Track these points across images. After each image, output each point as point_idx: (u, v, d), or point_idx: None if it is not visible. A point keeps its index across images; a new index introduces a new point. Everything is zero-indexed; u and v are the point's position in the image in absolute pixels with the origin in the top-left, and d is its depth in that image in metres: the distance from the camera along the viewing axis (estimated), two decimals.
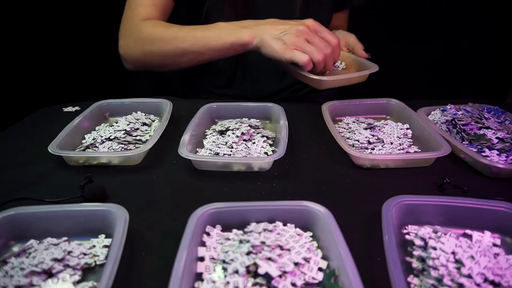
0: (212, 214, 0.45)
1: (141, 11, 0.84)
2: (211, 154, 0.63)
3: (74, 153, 0.62)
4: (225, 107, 0.77)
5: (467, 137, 0.65)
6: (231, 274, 0.39)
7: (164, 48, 0.80)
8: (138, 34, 0.82)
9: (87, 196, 0.52)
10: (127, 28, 0.85)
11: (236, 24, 0.77)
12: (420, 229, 0.46)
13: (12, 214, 0.45)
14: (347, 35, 0.90)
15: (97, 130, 0.71)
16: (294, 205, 0.46)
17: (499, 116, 0.71)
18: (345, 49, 0.89)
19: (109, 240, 0.45)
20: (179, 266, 0.37)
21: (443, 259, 0.40)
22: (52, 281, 0.39)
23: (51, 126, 0.70)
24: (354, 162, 0.62)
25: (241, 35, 0.74)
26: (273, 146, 0.66)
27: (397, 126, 0.72)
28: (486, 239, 0.45)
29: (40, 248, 0.43)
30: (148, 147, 0.61)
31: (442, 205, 0.47)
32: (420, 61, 1.52)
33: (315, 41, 0.72)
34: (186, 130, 0.65)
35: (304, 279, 0.39)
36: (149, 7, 0.84)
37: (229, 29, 0.76)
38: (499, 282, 0.38)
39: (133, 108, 0.77)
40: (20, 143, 0.70)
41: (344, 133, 0.70)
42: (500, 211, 0.46)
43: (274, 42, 0.71)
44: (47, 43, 1.23)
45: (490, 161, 0.58)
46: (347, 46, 0.89)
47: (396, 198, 0.47)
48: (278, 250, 0.41)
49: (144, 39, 0.82)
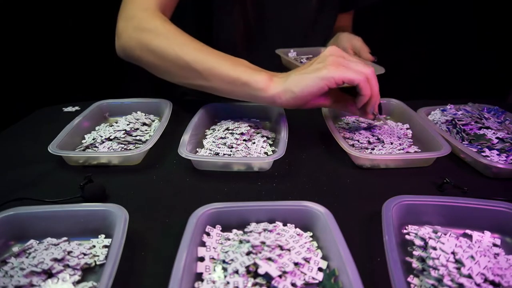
0: (212, 214, 0.45)
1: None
2: (211, 154, 0.63)
3: (74, 153, 0.62)
4: (225, 107, 0.77)
5: (467, 137, 0.65)
6: (231, 274, 0.39)
7: (166, 51, 0.66)
8: (142, 22, 0.70)
9: (87, 196, 0.52)
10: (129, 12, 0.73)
11: (261, 70, 0.65)
12: (420, 229, 0.46)
13: (12, 214, 0.45)
14: (353, 38, 0.89)
15: (97, 130, 0.71)
16: (294, 205, 0.46)
17: (499, 116, 0.71)
18: (350, 52, 0.88)
19: (109, 240, 0.45)
20: (179, 266, 0.37)
21: (443, 259, 0.40)
22: (52, 281, 0.39)
23: (51, 126, 0.70)
24: (354, 162, 0.62)
25: (258, 78, 0.61)
26: (273, 146, 0.66)
27: (397, 126, 0.72)
28: (486, 239, 0.45)
29: (40, 248, 0.43)
30: (148, 147, 0.61)
31: (442, 205, 0.47)
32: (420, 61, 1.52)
33: (352, 64, 0.58)
34: (186, 130, 0.65)
35: (304, 279, 0.39)
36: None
37: (250, 68, 0.64)
38: (499, 282, 0.38)
39: (133, 108, 0.77)
40: (20, 143, 0.70)
41: (344, 133, 0.70)
42: (500, 211, 0.46)
43: (307, 75, 0.58)
44: (47, 43, 1.23)
45: (490, 161, 0.58)
46: (353, 49, 0.89)
47: (396, 198, 0.47)
48: (278, 250, 0.41)
49: (146, 30, 0.69)
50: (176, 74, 0.69)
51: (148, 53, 0.69)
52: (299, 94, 0.59)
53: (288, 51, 0.90)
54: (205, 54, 0.66)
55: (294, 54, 0.90)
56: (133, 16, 0.71)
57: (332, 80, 0.57)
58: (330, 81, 0.57)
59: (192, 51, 0.66)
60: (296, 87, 0.59)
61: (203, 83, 0.67)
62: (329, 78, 0.56)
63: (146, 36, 0.68)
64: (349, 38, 0.89)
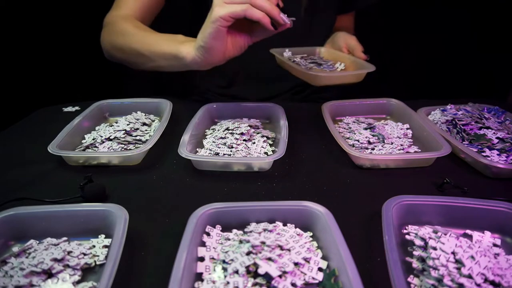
0: (212, 214, 0.45)
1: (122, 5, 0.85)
2: (211, 154, 0.63)
3: (74, 153, 0.62)
4: (225, 107, 0.77)
5: (467, 137, 0.65)
6: (231, 274, 0.39)
7: (124, 45, 0.78)
8: (111, 26, 0.83)
9: (87, 196, 0.52)
10: (107, 20, 0.86)
11: (189, 39, 0.69)
12: (420, 229, 0.46)
13: (12, 214, 0.45)
14: (348, 37, 0.89)
15: (97, 130, 0.71)
16: (294, 205, 0.46)
17: (499, 116, 0.71)
18: (345, 51, 0.89)
19: (109, 240, 0.45)
20: (179, 266, 0.37)
21: (443, 259, 0.40)
22: (52, 281, 0.39)
23: (51, 126, 0.70)
24: (354, 162, 0.62)
25: (181, 48, 0.66)
26: (273, 146, 0.66)
27: (397, 126, 0.72)
28: (486, 239, 0.45)
29: (40, 248, 0.43)
30: (148, 147, 0.61)
31: (442, 205, 0.47)
32: (420, 61, 1.52)
33: None
34: (186, 130, 0.65)
35: (304, 279, 0.39)
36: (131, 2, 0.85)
37: (177, 41, 0.69)
38: (499, 282, 0.38)
39: (133, 108, 0.77)
40: (20, 143, 0.70)
41: (344, 133, 0.70)
42: (500, 211, 0.46)
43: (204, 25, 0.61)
44: (47, 43, 1.23)
45: (490, 161, 0.58)
46: (347, 48, 0.89)
47: (396, 198, 0.47)
48: (278, 250, 0.41)
49: (113, 32, 0.82)
50: (138, 62, 0.78)
51: (116, 51, 0.81)
52: (206, 45, 0.61)
53: (283, 51, 0.90)
54: (148, 39, 0.74)
55: (289, 54, 0.91)
56: (108, 23, 0.84)
57: (221, 19, 0.58)
58: (220, 21, 0.58)
59: (140, 39, 0.75)
60: (201, 40, 0.62)
61: (153, 64, 0.74)
62: (218, 18, 0.58)
63: (114, 37, 0.80)
64: (345, 37, 0.90)
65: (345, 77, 0.78)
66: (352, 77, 0.78)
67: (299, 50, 0.93)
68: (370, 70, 0.77)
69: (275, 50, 0.89)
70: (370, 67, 0.78)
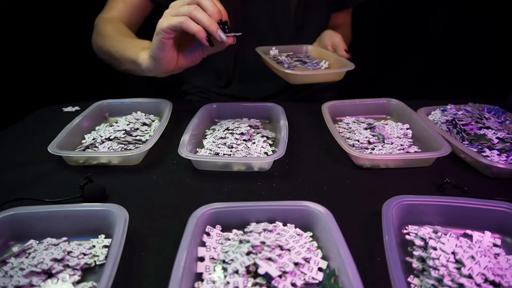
0: (212, 214, 0.45)
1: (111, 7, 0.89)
2: (211, 154, 0.63)
3: (74, 153, 0.62)
4: (225, 107, 0.77)
5: (467, 137, 0.65)
6: (231, 274, 0.39)
7: (103, 46, 0.81)
8: (97, 27, 0.86)
9: (87, 196, 0.52)
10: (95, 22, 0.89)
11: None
12: (420, 229, 0.46)
13: (12, 214, 0.45)
14: (333, 35, 0.89)
15: (97, 130, 0.71)
16: (294, 205, 0.46)
17: (499, 116, 0.71)
18: (330, 49, 0.88)
19: (109, 240, 0.45)
20: (179, 266, 0.37)
21: (443, 259, 0.40)
22: (52, 281, 0.39)
23: (51, 126, 0.70)
24: (354, 162, 0.62)
25: (139, 55, 0.67)
26: (273, 146, 0.66)
27: (397, 126, 0.72)
28: (486, 239, 0.45)
29: (39, 248, 0.43)
30: (148, 147, 0.61)
31: (442, 205, 0.47)
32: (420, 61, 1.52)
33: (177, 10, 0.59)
34: (186, 130, 0.65)
35: (304, 279, 0.39)
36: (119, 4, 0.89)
37: (139, 47, 0.69)
38: (499, 282, 0.38)
39: (133, 108, 0.77)
40: (20, 143, 0.70)
41: (344, 133, 0.70)
42: (500, 211, 0.46)
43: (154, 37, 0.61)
44: (47, 43, 1.23)
45: (491, 161, 0.58)
46: (332, 46, 0.89)
47: (396, 198, 0.47)
48: (278, 250, 0.41)
49: (97, 33, 0.85)
50: (114, 64, 0.80)
51: (100, 52, 0.85)
52: (154, 55, 0.62)
53: (270, 49, 0.91)
54: (121, 43, 0.76)
55: (276, 52, 0.91)
56: (96, 24, 0.87)
57: (162, 32, 0.58)
58: (162, 33, 0.58)
59: (115, 42, 0.77)
60: (151, 51, 0.63)
61: (123, 67, 0.76)
62: (159, 31, 0.58)
63: (98, 39, 0.84)
64: (330, 35, 0.90)
65: (321, 75, 0.78)
66: (330, 75, 0.78)
67: (287, 48, 0.93)
68: (349, 68, 0.77)
69: (260, 48, 0.89)
70: (350, 65, 0.77)
